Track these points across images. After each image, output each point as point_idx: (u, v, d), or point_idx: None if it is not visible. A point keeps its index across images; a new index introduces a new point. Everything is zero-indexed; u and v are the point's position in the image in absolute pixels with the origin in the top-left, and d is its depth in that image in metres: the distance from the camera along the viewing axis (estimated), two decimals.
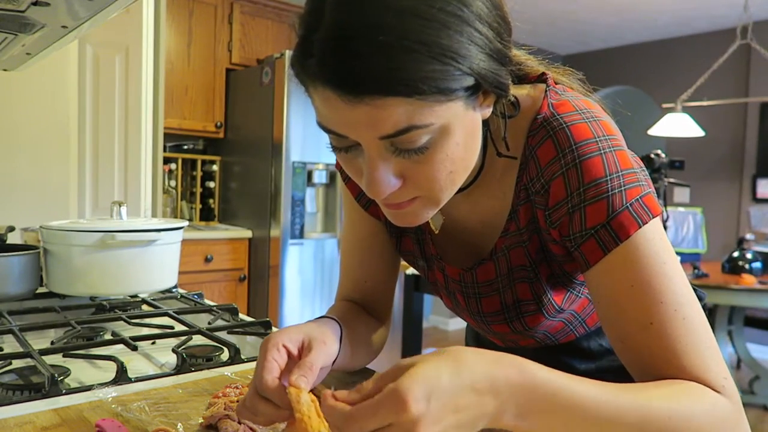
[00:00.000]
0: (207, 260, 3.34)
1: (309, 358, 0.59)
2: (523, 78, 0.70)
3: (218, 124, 3.65)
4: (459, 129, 0.55)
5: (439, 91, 0.50)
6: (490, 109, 0.59)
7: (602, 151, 0.60)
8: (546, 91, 0.66)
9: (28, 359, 0.81)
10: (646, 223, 0.59)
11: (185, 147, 3.80)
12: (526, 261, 0.71)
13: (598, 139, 0.61)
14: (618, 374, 0.83)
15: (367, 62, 0.49)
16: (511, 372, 0.48)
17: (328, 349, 0.63)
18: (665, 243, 0.60)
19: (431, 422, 0.44)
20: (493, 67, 0.54)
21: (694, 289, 0.66)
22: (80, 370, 0.85)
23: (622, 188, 0.59)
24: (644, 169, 0.65)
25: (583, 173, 0.60)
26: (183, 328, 1.00)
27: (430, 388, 0.45)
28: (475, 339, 1.00)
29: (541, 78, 0.68)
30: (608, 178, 0.59)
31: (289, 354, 0.61)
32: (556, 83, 0.68)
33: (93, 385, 0.75)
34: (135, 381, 0.79)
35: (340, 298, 0.88)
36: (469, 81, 0.52)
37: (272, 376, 0.57)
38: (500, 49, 0.55)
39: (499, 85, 0.56)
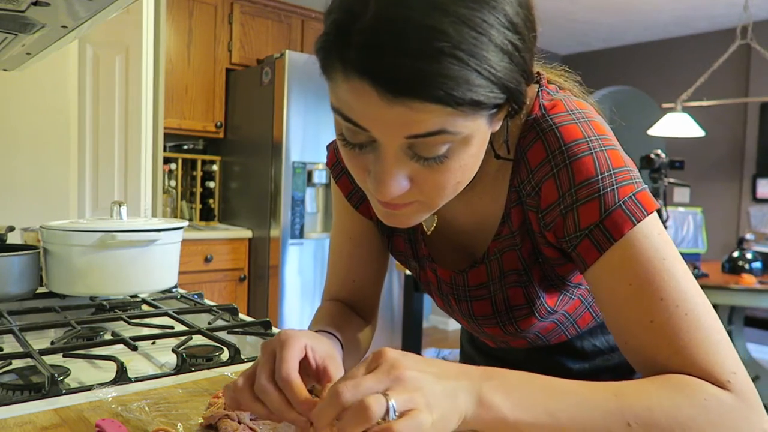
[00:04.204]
0: (207, 260, 3.34)
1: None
2: None
3: (218, 124, 3.65)
4: (477, 141, 0.55)
5: (478, 106, 0.50)
6: (500, 123, 0.59)
7: (593, 151, 0.60)
8: (538, 91, 0.65)
9: (28, 359, 0.81)
10: (641, 220, 0.58)
11: (185, 147, 3.80)
12: (519, 265, 0.70)
13: (588, 139, 0.60)
14: (613, 374, 0.83)
15: (417, 64, 0.47)
16: (481, 367, 0.52)
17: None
18: (664, 238, 0.59)
19: (410, 366, 0.47)
20: (522, 88, 0.54)
21: None
22: (80, 370, 0.85)
23: (615, 186, 0.58)
24: (636, 169, 0.64)
25: (574, 173, 0.60)
26: (183, 328, 1.00)
27: (404, 354, 0.49)
28: (470, 340, 0.99)
29: (535, 78, 0.68)
30: (599, 177, 0.59)
31: (306, 359, 0.59)
32: (549, 83, 0.68)
33: (93, 385, 0.75)
34: (135, 381, 0.79)
35: (327, 298, 0.88)
36: (502, 99, 0.52)
37: (297, 373, 0.55)
38: (530, 71, 0.56)
39: (521, 105, 0.56)
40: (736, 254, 3.25)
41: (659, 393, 0.53)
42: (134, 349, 0.89)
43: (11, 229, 1.37)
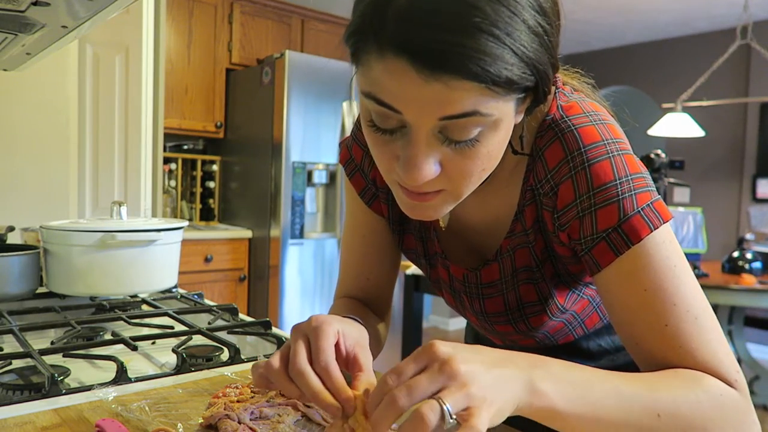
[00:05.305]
0: (207, 260, 3.34)
1: (372, 378, 0.58)
2: None
3: (218, 124, 3.65)
4: (504, 126, 0.55)
5: (512, 85, 0.50)
6: (522, 115, 0.59)
7: (610, 155, 0.61)
8: (555, 92, 0.65)
9: (28, 359, 0.81)
10: (657, 227, 0.59)
11: (185, 147, 3.80)
12: (532, 261, 0.71)
13: (606, 142, 0.61)
14: None
15: (455, 40, 0.47)
16: (524, 353, 0.53)
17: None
18: (675, 246, 0.61)
19: (463, 359, 0.47)
20: (549, 73, 0.55)
21: None
22: (80, 370, 0.85)
23: (632, 192, 0.60)
24: (648, 174, 0.65)
25: (593, 177, 0.60)
26: (183, 328, 1.00)
27: (453, 345, 0.49)
28: (475, 339, 0.99)
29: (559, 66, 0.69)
30: (618, 182, 0.60)
31: (336, 345, 0.58)
32: (564, 85, 0.68)
33: (93, 385, 0.75)
34: (135, 381, 0.79)
35: (340, 296, 0.87)
36: (532, 82, 0.53)
37: (335, 361, 0.55)
38: (556, 57, 0.56)
39: (548, 91, 0.57)
40: (736, 254, 3.25)
41: (684, 387, 0.56)
42: (134, 349, 0.89)
43: (11, 229, 1.37)
